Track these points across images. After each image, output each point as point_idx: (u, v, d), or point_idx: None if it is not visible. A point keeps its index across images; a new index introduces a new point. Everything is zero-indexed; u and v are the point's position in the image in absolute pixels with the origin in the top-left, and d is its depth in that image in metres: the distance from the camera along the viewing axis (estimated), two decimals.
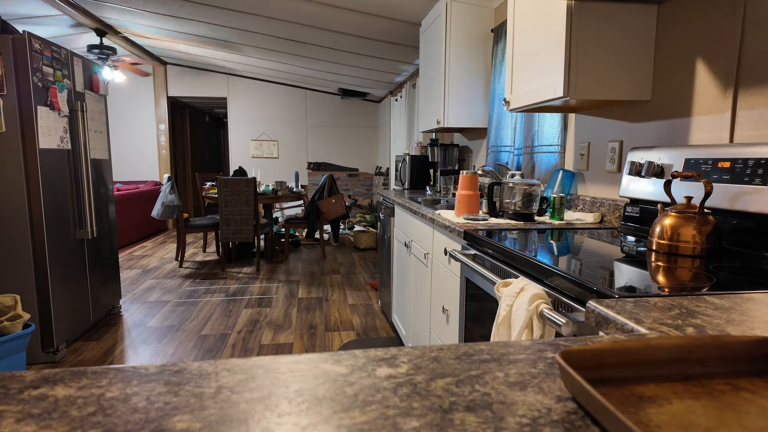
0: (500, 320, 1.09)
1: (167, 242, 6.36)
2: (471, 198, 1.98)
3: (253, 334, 3.14)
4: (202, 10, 4.03)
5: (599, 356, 0.48)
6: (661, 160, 1.50)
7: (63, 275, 2.75)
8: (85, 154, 2.94)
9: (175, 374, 0.49)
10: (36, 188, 2.54)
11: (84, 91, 3.05)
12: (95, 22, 4.72)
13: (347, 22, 3.82)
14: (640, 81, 1.65)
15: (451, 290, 1.85)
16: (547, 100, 1.73)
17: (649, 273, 1.01)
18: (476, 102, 3.05)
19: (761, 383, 0.48)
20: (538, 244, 1.36)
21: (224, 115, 10.55)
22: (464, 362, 0.53)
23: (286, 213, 7.50)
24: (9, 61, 2.45)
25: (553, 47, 1.66)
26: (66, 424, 0.40)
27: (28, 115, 2.50)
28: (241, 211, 4.58)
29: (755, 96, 1.29)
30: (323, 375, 0.49)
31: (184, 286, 4.25)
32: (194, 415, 0.41)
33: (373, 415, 0.41)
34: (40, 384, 0.47)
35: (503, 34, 2.74)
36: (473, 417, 0.41)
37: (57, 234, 2.70)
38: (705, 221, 1.17)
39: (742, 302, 0.75)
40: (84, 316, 3.01)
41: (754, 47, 1.29)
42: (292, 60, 5.56)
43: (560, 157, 2.29)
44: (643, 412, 0.42)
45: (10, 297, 2.36)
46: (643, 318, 0.68)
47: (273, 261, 5.25)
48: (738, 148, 1.25)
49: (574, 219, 1.88)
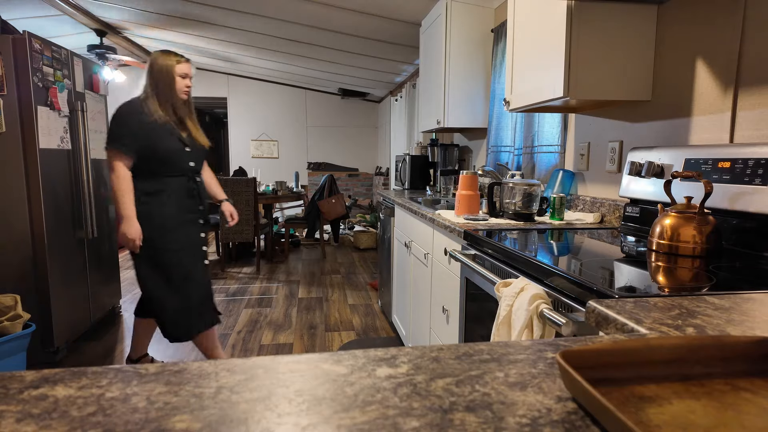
0: (500, 320, 1.09)
1: None
2: (471, 198, 1.98)
3: (253, 334, 3.14)
4: (202, 10, 4.03)
5: (599, 356, 0.48)
6: (661, 160, 1.50)
7: (63, 275, 2.75)
8: (86, 154, 2.94)
9: (175, 374, 0.49)
10: (36, 188, 2.54)
11: (84, 91, 3.05)
12: (95, 22, 4.72)
13: (347, 22, 3.82)
14: (640, 81, 1.65)
15: (451, 290, 1.85)
16: (547, 100, 1.73)
17: (649, 273, 1.01)
18: (476, 102, 3.05)
19: (761, 383, 0.48)
20: (538, 244, 1.36)
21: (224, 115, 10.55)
22: (464, 362, 0.53)
23: (286, 213, 7.50)
24: (9, 61, 2.45)
25: (553, 47, 1.66)
26: (66, 424, 0.40)
27: (28, 115, 2.50)
28: (241, 211, 4.58)
29: (755, 96, 1.29)
30: (323, 375, 0.49)
31: None
32: (194, 415, 0.41)
33: (373, 415, 0.41)
34: (40, 384, 0.47)
35: (503, 34, 2.74)
36: (473, 417, 0.41)
37: (57, 234, 2.70)
38: (705, 221, 1.17)
39: (742, 302, 0.75)
40: (84, 316, 3.01)
41: (754, 47, 1.29)
42: (292, 60, 5.55)
43: (560, 157, 2.29)
44: (643, 412, 0.42)
45: (10, 297, 2.36)
46: (643, 318, 0.68)
47: (273, 261, 5.25)
48: (738, 148, 1.25)
49: (574, 219, 1.88)
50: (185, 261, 2.21)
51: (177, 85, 2.18)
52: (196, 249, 2.25)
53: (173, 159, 2.16)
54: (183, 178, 2.20)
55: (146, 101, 2.15)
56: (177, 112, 2.20)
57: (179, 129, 2.20)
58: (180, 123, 2.22)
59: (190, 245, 2.23)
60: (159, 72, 2.16)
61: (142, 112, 2.12)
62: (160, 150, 2.12)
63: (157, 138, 2.12)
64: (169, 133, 2.16)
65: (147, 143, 2.10)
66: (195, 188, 2.25)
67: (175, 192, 2.18)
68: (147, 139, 2.10)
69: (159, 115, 2.14)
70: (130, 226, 2.09)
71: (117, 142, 2.09)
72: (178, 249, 2.19)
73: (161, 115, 2.14)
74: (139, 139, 2.09)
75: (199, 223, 2.28)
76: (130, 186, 2.11)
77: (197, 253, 2.26)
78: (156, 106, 2.15)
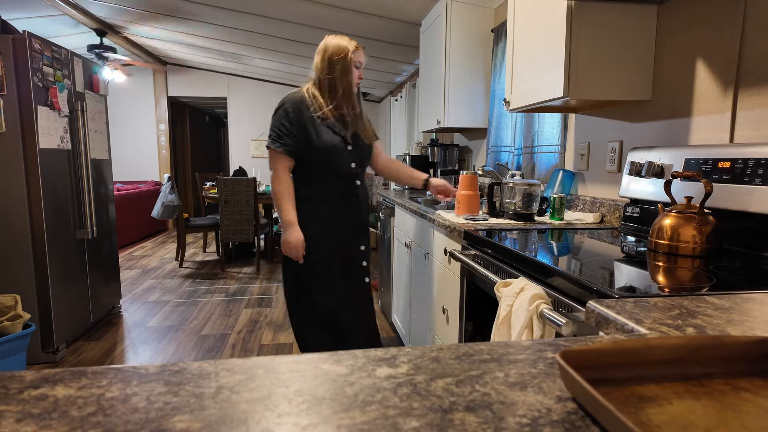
0: (500, 320, 1.09)
1: (167, 242, 6.37)
2: (471, 198, 1.98)
3: (253, 334, 3.14)
4: (202, 9, 4.03)
5: (599, 356, 0.48)
6: (661, 160, 1.50)
7: (63, 275, 2.75)
8: (85, 154, 2.94)
9: (175, 374, 0.49)
10: (36, 188, 2.54)
11: (84, 91, 3.05)
12: (95, 22, 4.72)
13: (347, 22, 3.82)
14: (640, 81, 1.65)
15: (451, 290, 1.85)
16: (547, 100, 1.73)
17: (649, 273, 1.01)
18: (476, 102, 3.05)
19: (761, 383, 0.48)
20: (538, 244, 1.36)
21: (224, 115, 10.55)
22: (464, 362, 0.53)
23: None
24: (9, 61, 2.45)
25: (553, 47, 1.66)
26: (66, 424, 0.40)
27: (28, 115, 2.50)
28: (241, 211, 4.58)
29: (755, 96, 1.29)
30: (323, 375, 0.49)
31: (184, 286, 4.25)
32: (194, 415, 0.41)
33: (373, 415, 0.41)
34: (40, 384, 0.47)
35: (503, 34, 2.74)
36: (473, 417, 0.41)
37: (57, 234, 2.70)
38: (705, 221, 1.17)
39: (742, 302, 0.75)
40: (84, 316, 3.01)
41: (754, 47, 1.29)
42: (292, 60, 5.56)
43: (560, 157, 2.29)
44: (643, 412, 0.42)
45: (10, 297, 2.36)
46: (643, 318, 0.68)
47: (273, 261, 5.25)
48: (738, 148, 1.25)
49: (574, 219, 1.88)
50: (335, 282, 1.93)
51: (353, 75, 1.89)
52: (349, 269, 1.97)
53: (334, 160, 1.88)
54: (341, 180, 1.92)
55: (315, 93, 1.87)
56: (348, 106, 1.90)
57: (342, 125, 1.91)
58: (344, 118, 1.91)
59: (341, 265, 1.95)
60: (334, 58, 1.84)
61: (309, 107, 1.85)
62: (321, 150, 1.85)
63: (318, 136, 1.85)
64: (333, 130, 1.87)
65: (308, 143, 1.85)
66: (354, 193, 1.95)
67: (331, 198, 1.91)
68: (308, 139, 1.85)
69: (328, 110, 1.85)
70: (292, 234, 1.86)
71: (278, 142, 1.84)
72: (326, 267, 1.91)
73: (330, 110, 1.86)
74: (302, 138, 1.84)
75: (355, 236, 1.97)
76: (291, 190, 1.88)
77: (350, 274, 1.97)
78: (326, 99, 1.86)
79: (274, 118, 1.88)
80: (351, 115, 1.91)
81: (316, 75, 1.89)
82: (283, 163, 1.86)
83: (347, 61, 1.86)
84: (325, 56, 1.86)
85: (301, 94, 1.88)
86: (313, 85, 1.90)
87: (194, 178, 8.85)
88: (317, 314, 1.94)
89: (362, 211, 1.99)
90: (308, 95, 1.87)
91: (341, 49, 1.85)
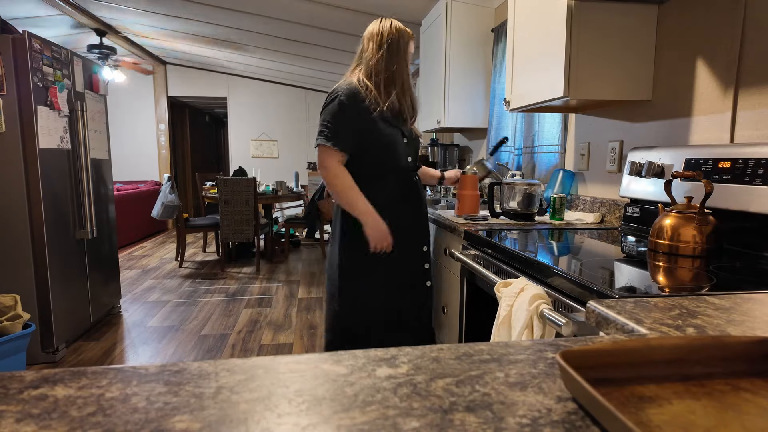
0: (500, 320, 1.09)
1: (167, 242, 6.37)
2: (471, 198, 1.98)
3: (253, 334, 3.14)
4: (202, 9, 4.03)
5: (599, 356, 0.48)
6: (662, 160, 1.50)
7: (63, 275, 2.75)
8: (85, 154, 2.94)
9: (175, 374, 0.49)
10: (36, 188, 2.54)
11: (84, 91, 3.05)
12: (95, 22, 4.71)
13: (347, 22, 3.82)
14: (640, 81, 1.65)
15: (451, 290, 1.85)
16: (547, 100, 1.73)
17: (650, 273, 1.01)
18: (476, 102, 3.04)
19: (761, 383, 0.48)
20: (539, 244, 1.35)
21: (224, 115, 10.55)
22: (464, 362, 0.52)
23: (286, 213, 7.50)
24: (9, 61, 2.45)
25: (553, 47, 1.66)
26: (66, 424, 0.40)
27: (28, 115, 2.49)
28: (241, 211, 4.58)
29: (756, 96, 1.29)
30: (323, 375, 0.49)
31: (184, 286, 4.25)
32: (194, 416, 0.41)
33: (373, 415, 0.41)
34: (40, 384, 0.47)
35: (503, 34, 2.74)
36: (473, 417, 0.41)
37: (57, 234, 2.70)
38: (705, 221, 1.17)
39: (742, 302, 0.75)
40: (84, 316, 3.01)
41: (754, 47, 1.29)
42: (292, 60, 5.55)
43: (560, 157, 2.29)
44: (644, 412, 0.42)
45: (10, 297, 2.36)
46: (643, 318, 0.68)
47: (273, 261, 5.25)
48: (738, 148, 1.25)
49: (575, 219, 1.88)
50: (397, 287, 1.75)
51: (410, 63, 1.72)
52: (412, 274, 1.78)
53: (393, 154, 1.73)
54: (399, 176, 1.76)
55: (368, 83, 1.67)
56: (405, 98, 1.73)
57: (397, 117, 1.74)
58: (401, 111, 1.74)
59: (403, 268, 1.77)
60: (394, 47, 1.65)
61: (365, 100, 1.65)
62: (379, 145, 1.69)
63: (377, 130, 1.68)
64: (390, 123, 1.71)
65: (365, 138, 1.68)
66: (413, 189, 1.79)
67: (390, 197, 1.74)
68: (366, 133, 1.67)
69: (384, 103, 1.67)
70: (375, 222, 1.67)
71: (332, 140, 1.64)
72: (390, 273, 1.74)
73: (387, 103, 1.67)
74: (358, 133, 1.67)
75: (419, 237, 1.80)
76: (352, 181, 1.67)
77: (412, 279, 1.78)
78: (384, 92, 1.68)
79: (325, 111, 1.68)
80: (408, 106, 1.75)
81: (368, 63, 1.69)
82: (337, 159, 1.66)
83: (406, 51, 1.70)
84: (382, 41, 1.67)
85: (354, 85, 1.67)
86: (365, 75, 1.70)
87: (194, 178, 8.85)
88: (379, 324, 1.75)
89: (423, 207, 1.83)
90: (361, 86, 1.67)
91: (402, 33, 1.68)
